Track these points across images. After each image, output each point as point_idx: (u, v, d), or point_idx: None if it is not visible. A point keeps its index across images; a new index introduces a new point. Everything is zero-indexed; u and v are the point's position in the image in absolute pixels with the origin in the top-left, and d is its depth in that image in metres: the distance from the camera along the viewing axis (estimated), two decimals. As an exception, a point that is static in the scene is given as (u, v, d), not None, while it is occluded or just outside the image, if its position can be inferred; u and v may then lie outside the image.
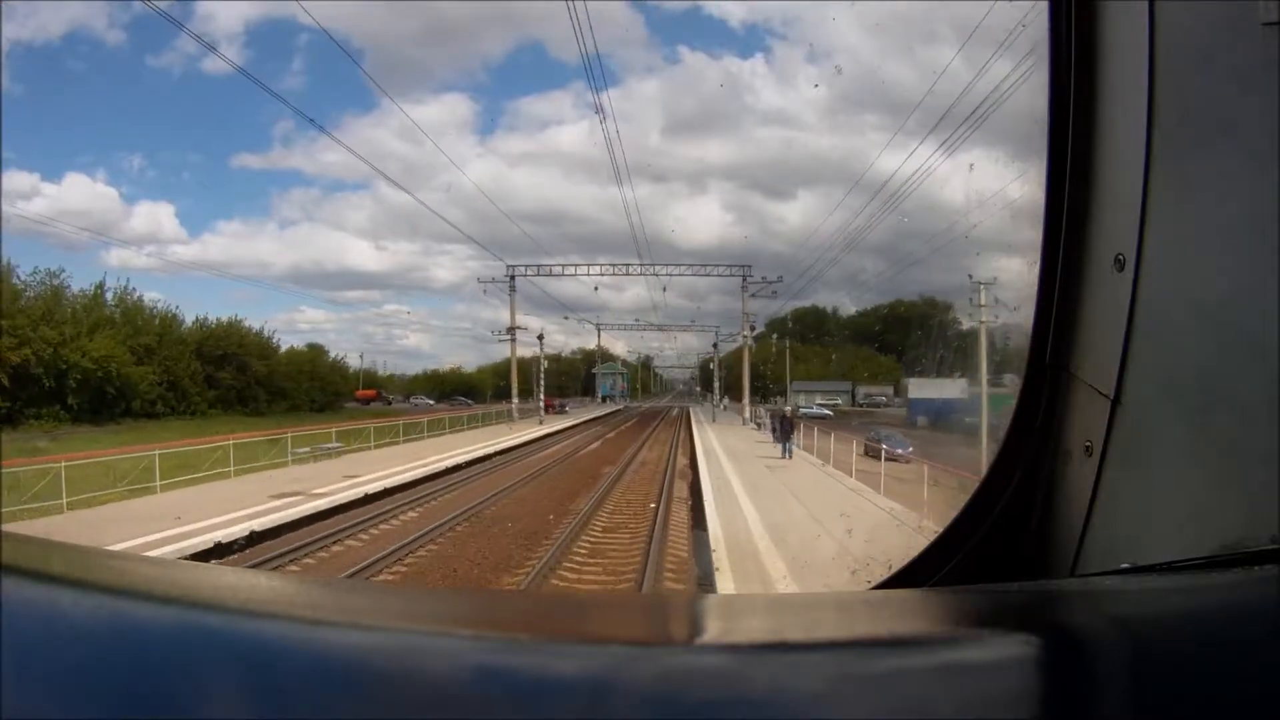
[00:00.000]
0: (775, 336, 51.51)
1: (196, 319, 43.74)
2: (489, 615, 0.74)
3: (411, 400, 58.77)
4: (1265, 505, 0.70)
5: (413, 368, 70.26)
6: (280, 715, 0.42)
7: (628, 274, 39.08)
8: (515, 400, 38.16)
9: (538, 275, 39.35)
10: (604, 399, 63.40)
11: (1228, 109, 0.78)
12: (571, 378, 68.78)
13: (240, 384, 42.54)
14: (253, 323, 51.66)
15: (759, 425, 32.01)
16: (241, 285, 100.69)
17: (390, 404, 55.71)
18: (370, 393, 57.14)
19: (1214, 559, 0.72)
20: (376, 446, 23.04)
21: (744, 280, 36.26)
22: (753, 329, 37.37)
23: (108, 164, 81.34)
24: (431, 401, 57.39)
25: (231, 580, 0.89)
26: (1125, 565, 0.83)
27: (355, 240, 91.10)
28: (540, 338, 38.53)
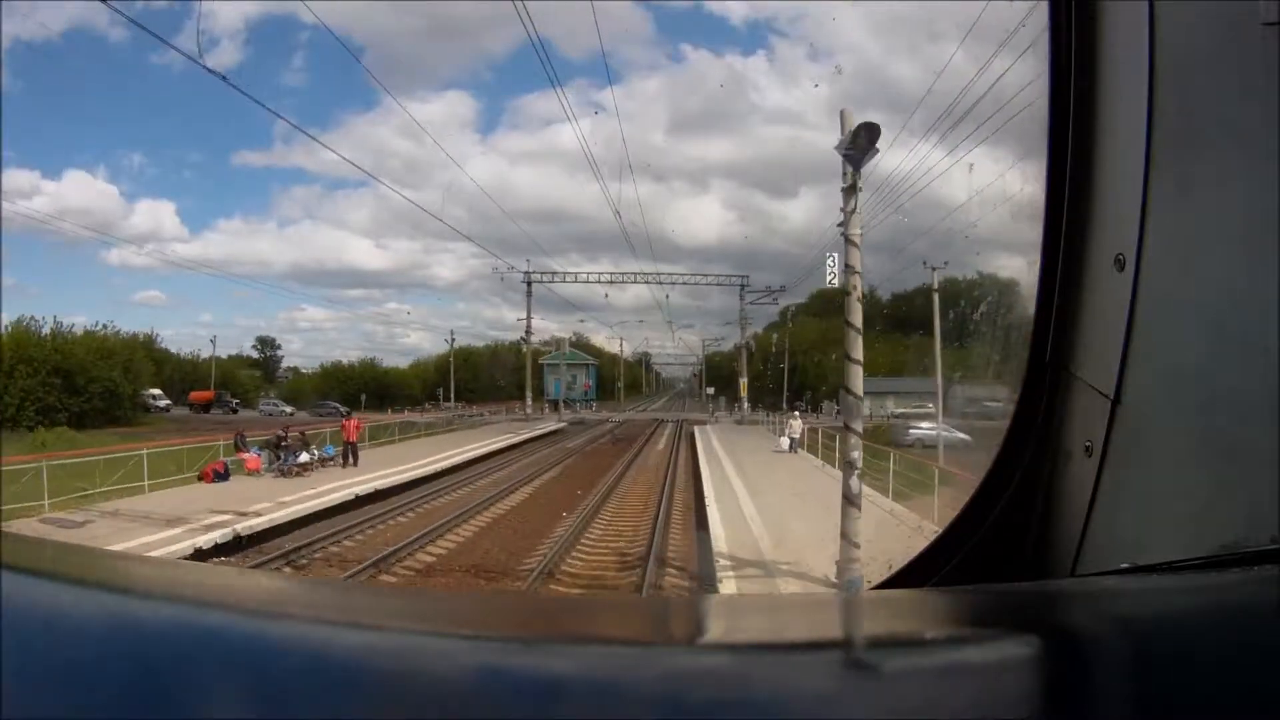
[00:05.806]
0: (794, 319, 41.48)
1: None
2: (489, 616, 0.74)
3: (261, 406, 43.43)
4: (1265, 505, 0.70)
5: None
6: (280, 715, 0.42)
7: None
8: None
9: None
10: (555, 405, 42.88)
11: (1228, 109, 0.78)
12: (532, 373, 45.90)
13: None
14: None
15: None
16: (242, 284, 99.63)
17: (236, 411, 40.37)
18: (207, 395, 42.15)
19: (1214, 559, 0.72)
20: None
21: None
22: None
23: (108, 161, 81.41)
24: (289, 410, 41.55)
25: (231, 580, 0.90)
26: (1125, 565, 0.83)
27: (356, 238, 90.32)
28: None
